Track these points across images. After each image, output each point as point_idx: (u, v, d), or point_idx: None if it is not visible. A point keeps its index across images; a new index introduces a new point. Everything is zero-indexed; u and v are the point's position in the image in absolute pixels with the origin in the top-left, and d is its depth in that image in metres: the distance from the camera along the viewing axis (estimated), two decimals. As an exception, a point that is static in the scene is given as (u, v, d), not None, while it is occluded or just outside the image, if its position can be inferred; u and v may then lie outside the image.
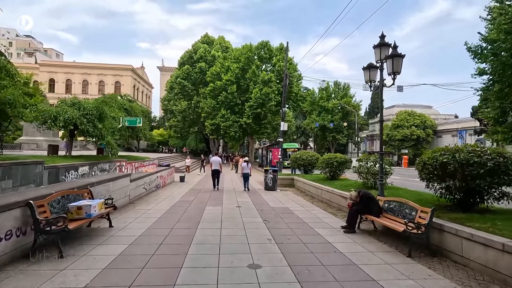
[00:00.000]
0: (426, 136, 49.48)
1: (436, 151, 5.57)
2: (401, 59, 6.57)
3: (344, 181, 11.01)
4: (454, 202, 5.58)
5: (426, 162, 5.49)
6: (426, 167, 5.51)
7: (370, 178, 8.66)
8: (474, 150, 4.99)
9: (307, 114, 61.22)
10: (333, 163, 11.42)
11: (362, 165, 8.80)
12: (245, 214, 7.59)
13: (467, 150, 5.04)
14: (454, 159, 5.01)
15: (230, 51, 41.83)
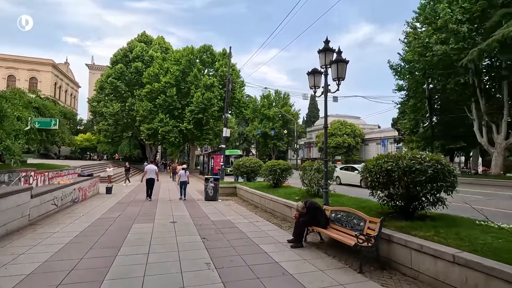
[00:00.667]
0: (356, 144, 54.33)
1: (380, 158, 5.51)
2: (345, 64, 6.52)
3: (287, 188, 10.77)
4: (396, 209, 5.58)
5: (372, 169, 5.38)
6: (371, 174, 5.39)
7: (313, 186, 8.50)
8: (415, 157, 5.01)
9: (250, 121, 61.82)
10: (276, 170, 11.12)
11: (306, 172, 8.61)
12: (180, 232, 6.57)
13: (408, 157, 5.04)
14: (398, 166, 4.96)
15: (170, 53, 39.63)
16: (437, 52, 22.50)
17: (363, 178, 5.88)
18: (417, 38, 24.88)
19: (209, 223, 7.61)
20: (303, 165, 9.05)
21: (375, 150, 55.65)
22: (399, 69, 28.43)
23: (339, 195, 8.43)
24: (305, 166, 8.81)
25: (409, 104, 32.61)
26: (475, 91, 24.94)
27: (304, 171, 8.74)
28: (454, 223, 4.73)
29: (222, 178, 17.57)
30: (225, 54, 36.36)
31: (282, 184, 11.69)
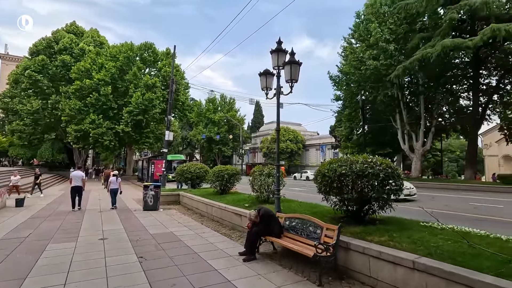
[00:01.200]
0: (298, 150, 56.81)
1: (333, 162, 5.40)
2: (298, 66, 6.37)
3: (236, 195, 10.26)
4: (348, 214, 5.53)
5: (326, 173, 5.23)
6: (325, 179, 5.24)
7: (263, 192, 8.17)
8: (367, 161, 5.01)
9: (194, 125, 59.85)
10: (224, 176, 10.54)
11: (256, 178, 8.25)
12: (111, 251, 5.51)
13: (361, 161, 5.02)
14: (351, 170, 4.89)
15: (106, 48, 35.92)
16: (369, 66, 24.78)
17: (316, 183, 5.72)
18: (353, 53, 27.10)
19: (148, 237, 6.64)
20: (253, 170, 8.69)
21: (315, 156, 59.09)
22: (338, 80, 30.55)
23: (290, 201, 8.27)
24: (255, 171, 8.45)
25: (345, 113, 35.37)
26: (399, 104, 28.15)
27: (254, 176, 8.36)
28: (404, 226, 4.82)
29: (164, 185, 16.22)
30: (169, 53, 34.48)
31: (229, 190, 11.14)
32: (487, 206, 11.34)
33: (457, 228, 4.61)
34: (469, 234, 4.23)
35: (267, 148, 55.60)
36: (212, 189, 11.62)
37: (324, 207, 6.78)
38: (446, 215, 8.65)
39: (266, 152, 55.98)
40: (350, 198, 4.99)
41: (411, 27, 25.10)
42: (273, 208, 6.90)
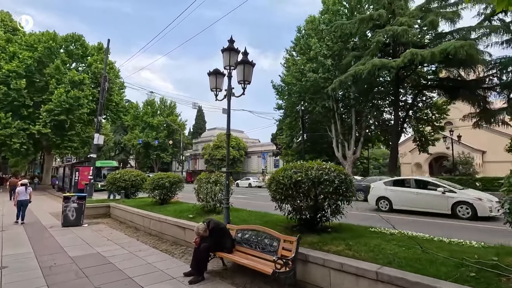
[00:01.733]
0: (240, 157, 56.89)
1: (288, 168, 5.17)
2: (252, 67, 6.04)
3: (178, 205, 9.35)
4: (301, 222, 5.33)
5: (281, 181, 4.94)
6: (280, 186, 4.95)
7: (210, 201, 7.54)
8: (322, 167, 4.89)
9: (129, 129, 55.17)
10: (164, 184, 9.53)
11: (202, 186, 7.58)
12: (12, 285, 4.24)
13: (316, 167, 4.88)
14: (307, 177, 4.70)
15: (20, 35, 30.58)
16: (309, 78, 26.23)
17: (269, 191, 5.40)
18: (295, 64, 28.39)
19: (67, 261, 5.39)
20: (199, 177, 7.98)
21: (257, 163, 60.00)
22: (280, 89, 31.57)
23: (238, 210, 7.80)
24: (201, 178, 7.77)
25: (286, 122, 36.79)
26: (334, 115, 30.40)
27: (199, 184, 7.67)
28: (356, 233, 4.80)
29: (91, 195, 14.12)
30: (101, 48, 31.18)
31: (171, 200, 10.15)
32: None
33: (405, 232, 4.76)
34: (416, 238, 4.37)
35: (209, 154, 54.36)
36: (150, 199, 10.44)
37: (275, 216, 6.52)
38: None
39: (208, 159, 54.62)
40: (306, 206, 4.79)
41: (345, 45, 27.51)
42: (222, 219, 6.36)
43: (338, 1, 28.19)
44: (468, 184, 22.45)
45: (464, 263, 3.17)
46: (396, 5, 23.62)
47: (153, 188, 9.69)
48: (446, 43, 19.00)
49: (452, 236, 4.72)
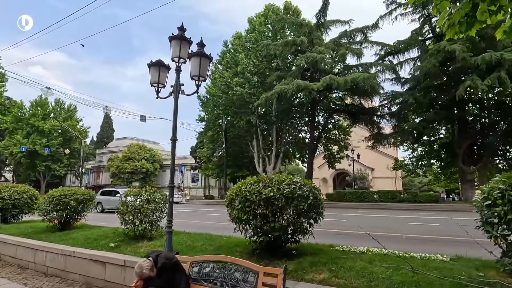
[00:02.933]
0: (154, 170, 52.23)
1: (252, 182, 4.39)
2: (209, 60, 5.12)
3: (87, 230, 7.21)
4: (263, 244, 4.57)
5: (248, 197, 4.11)
6: (247, 204, 4.11)
7: (139, 224, 5.98)
8: (293, 181, 4.31)
9: (8, 133, 44.02)
10: (69, 203, 7.27)
11: (130, 203, 5.96)
12: None
13: (288, 181, 4.27)
14: (280, 192, 4.04)
15: None
16: (236, 92, 26.27)
17: (230, 209, 4.48)
18: (222, 77, 28.07)
19: None
20: (125, 193, 6.29)
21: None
22: (206, 100, 30.61)
23: (176, 233, 6.44)
24: (128, 194, 6.14)
25: (208, 135, 35.80)
26: (257, 130, 31.19)
27: (126, 202, 6.02)
28: (328, 254, 4.33)
29: None
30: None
31: (75, 223, 7.84)
32: (335, 221, 13.36)
33: (370, 249, 4.56)
34: (389, 256, 4.17)
35: (117, 167, 48.00)
36: (44, 223, 7.84)
37: (225, 238, 5.58)
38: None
39: (115, 172, 48.07)
40: (279, 226, 4.07)
41: (269, 65, 28.93)
42: (158, 246, 5.06)
43: (264, 23, 29.59)
44: (368, 197, 25.98)
45: (462, 282, 3.01)
46: (315, 35, 26.25)
47: (51, 209, 7.28)
48: (356, 73, 21.93)
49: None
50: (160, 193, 6.28)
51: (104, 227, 7.43)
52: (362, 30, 25.09)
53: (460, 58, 17.33)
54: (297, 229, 4.29)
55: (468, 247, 4.32)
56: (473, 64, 17.02)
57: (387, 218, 13.80)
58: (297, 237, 4.45)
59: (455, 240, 7.33)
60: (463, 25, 2.75)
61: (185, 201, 34.98)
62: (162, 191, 6.77)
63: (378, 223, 11.85)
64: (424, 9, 24.09)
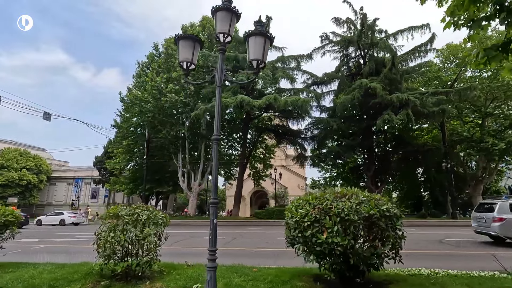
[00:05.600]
0: (39, 183, 41.86)
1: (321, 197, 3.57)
2: (270, 41, 4.05)
3: (15, 271, 4.58)
4: (338, 274, 3.73)
5: (347, 217, 3.26)
6: (347, 225, 3.26)
7: (120, 254, 4.10)
8: (373, 197, 3.69)
9: None
10: None
11: (115, 227, 4.04)
12: None
13: (371, 197, 3.64)
14: (378, 210, 3.38)
15: None
16: (170, 99, 23.96)
17: (287, 230, 3.48)
18: (153, 81, 25.23)
19: None
20: (106, 213, 4.27)
21: (65, 192, 46.21)
22: (131, 104, 26.81)
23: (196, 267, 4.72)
24: (116, 214, 4.18)
25: (124, 143, 31.16)
26: (185, 143, 29.00)
27: (112, 226, 4.06)
28: (415, 281, 3.82)
29: None
30: None
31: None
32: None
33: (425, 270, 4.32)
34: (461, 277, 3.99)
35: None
36: None
37: (273, 270, 4.39)
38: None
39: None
40: (380, 251, 3.36)
41: (206, 76, 27.81)
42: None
43: (202, 33, 28.63)
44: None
45: None
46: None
47: None
48: (295, 96, 23.24)
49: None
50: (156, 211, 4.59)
51: (39, 264, 4.92)
52: (296, 58, 27.13)
53: (380, 95, 20.58)
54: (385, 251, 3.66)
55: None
56: (389, 101, 20.45)
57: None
58: (380, 263, 3.80)
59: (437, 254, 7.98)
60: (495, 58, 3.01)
61: (87, 222, 28.83)
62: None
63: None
64: (345, 50, 28.04)
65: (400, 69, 23.15)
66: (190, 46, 4.02)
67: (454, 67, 26.23)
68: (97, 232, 4.12)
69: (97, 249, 4.09)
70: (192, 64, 4.06)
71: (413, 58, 24.53)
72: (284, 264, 5.25)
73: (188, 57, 4.01)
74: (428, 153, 26.19)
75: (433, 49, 24.40)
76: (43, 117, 18.09)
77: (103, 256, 3.99)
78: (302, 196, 3.97)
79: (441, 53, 27.30)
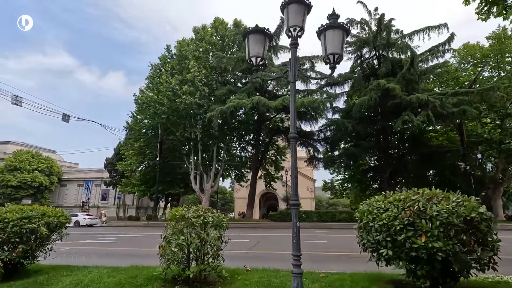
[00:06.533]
0: (50, 184, 42.10)
1: (425, 199, 3.35)
2: (347, 35, 3.89)
3: (62, 276, 4.41)
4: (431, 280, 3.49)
5: (448, 221, 3.03)
6: (449, 228, 3.03)
7: (193, 259, 3.91)
8: (471, 201, 3.45)
9: None
10: (36, 231, 4.34)
11: (185, 229, 3.86)
12: None
13: (464, 200, 3.40)
14: (477, 212, 3.15)
15: None
16: (185, 101, 23.87)
17: (364, 233, 3.28)
18: (168, 82, 25.19)
19: None
20: (172, 213, 4.09)
21: (75, 193, 46.40)
22: (145, 106, 26.79)
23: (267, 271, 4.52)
24: (177, 215, 4.01)
25: (135, 145, 31.14)
26: (197, 145, 28.87)
27: (178, 227, 3.88)
28: None
29: None
30: None
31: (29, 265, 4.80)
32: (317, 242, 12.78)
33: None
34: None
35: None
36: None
37: (347, 276, 4.16)
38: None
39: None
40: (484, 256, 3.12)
41: (218, 78, 27.73)
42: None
43: (215, 35, 28.56)
44: (310, 216, 26.81)
45: None
46: (268, 57, 26.76)
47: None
48: (313, 97, 23.00)
49: None
50: (219, 214, 4.40)
51: (88, 266, 4.76)
52: (310, 59, 26.91)
53: (398, 96, 20.27)
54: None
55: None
56: (408, 101, 20.13)
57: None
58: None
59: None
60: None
61: (100, 223, 28.82)
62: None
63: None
64: (359, 51, 27.75)
65: (418, 69, 22.79)
66: (261, 40, 3.85)
67: (472, 67, 25.81)
68: (164, 235, 3.94)
69: (162, 252, 3.90)
70: (263, 59, 3.88)
71: (431, 59, 24.17)
72: (332, 269, 5.04)
73: (259, 51, 3.83)
74: (444, 155, 25.73)
75: (451, 49, 24.03)
76: (62, 118, 18.07)
77: (171, 260, 3.80)
78: (377, 197, 3.75)
79: (458, 53, 26.91)
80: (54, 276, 4.33)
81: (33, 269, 4.80)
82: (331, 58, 3.72)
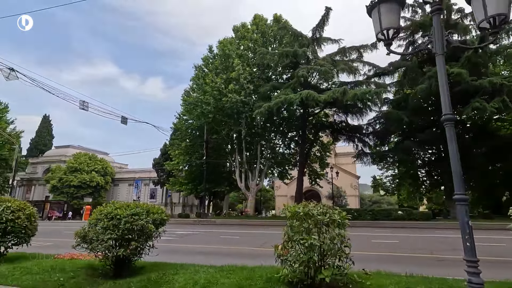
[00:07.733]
0: (105, 184, 45.30)
1: None
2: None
3: (173, 274, 4.29)
4: None
5: None
6: None
7: (308, 263, 3.52)
8: None
9: None
10: (144, 227, 4.30)
11: (314, 227, 3.48)
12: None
13: None
14: None
15: None
16: (231, 99, 23.95)
17: None
18: (214, 82, 25.48)
19: None
20: (293, 211, 3.77)
21: (126, 192, 49.45)
22: (192, 107, 27.44)
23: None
24: (296, 214, 3.65)
25: (182, 145, 32.07)
26: (242, 143, 28.87)
27: (308, 226, 3.51)
28: None
29: None
30: None
31: (134, 261, 4.77)
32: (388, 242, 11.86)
33: None
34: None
35: (60, 180, 40.15)
36: (81, 260, 4.61)
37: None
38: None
39: (57, 186, 40.08)
40: None
41: (262, 74, 27.45)
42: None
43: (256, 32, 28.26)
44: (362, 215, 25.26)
45: None
46: (311, 49, 25.84)
47: (104, 235, 4.21)
48: (366, 88, 21.68)
49: None
50: (340, 211, 3.93)
51: (194, 265, 4.59)
52: (358, 49, 25.45)
53: (466, 81, 18.23)
54: None
55: None
56: (478, 87, 18.03)
57: (436, 238, 12.80)
58: None
59: None
60: None
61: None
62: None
63: (445, 245, 10.68)
64: (412, 36, 25.63)
65: (488, 50, 20.36)
66: (394, 9, 3.31)
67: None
68: (285, 232, 3.59)
69: (285, 253, 3.55)
70: (397, 31, 3.34)
71: (501, 38, 21.47)
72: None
73: (392, 23, 3.29)
74: (517, 147, 22.75)
75: (527, 24, 21.10)
76: (121, 121, 19.09)
77: (298, 261, 3.43)
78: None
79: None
80: (165, 274, 4.21)
81: (137, 265, 4.77)
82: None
